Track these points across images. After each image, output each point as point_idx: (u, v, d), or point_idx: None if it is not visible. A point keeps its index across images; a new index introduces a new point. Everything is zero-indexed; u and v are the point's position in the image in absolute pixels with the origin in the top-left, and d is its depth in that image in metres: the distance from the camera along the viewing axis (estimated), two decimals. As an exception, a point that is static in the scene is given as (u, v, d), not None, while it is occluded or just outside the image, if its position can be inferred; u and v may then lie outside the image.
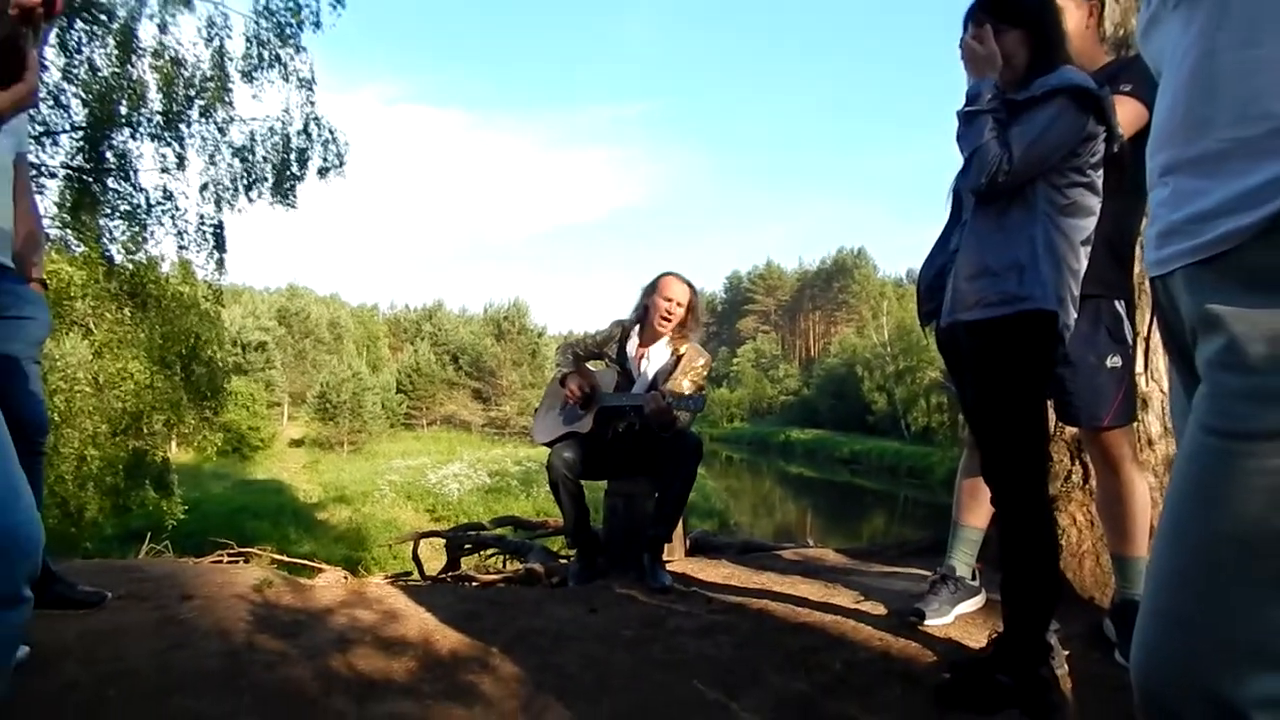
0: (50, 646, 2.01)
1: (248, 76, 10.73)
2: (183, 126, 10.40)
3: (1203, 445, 0.79)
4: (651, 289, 3.25)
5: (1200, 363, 0.82)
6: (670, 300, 3.18)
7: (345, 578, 3.41)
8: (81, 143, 9.69)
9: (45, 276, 2.49)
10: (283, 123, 11.12)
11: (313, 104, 11.30)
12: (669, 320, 3.17)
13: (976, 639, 2.19)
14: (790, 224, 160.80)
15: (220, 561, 3.84)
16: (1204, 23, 0.82)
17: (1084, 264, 1.84)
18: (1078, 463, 2.53)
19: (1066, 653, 2.04)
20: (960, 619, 2.34)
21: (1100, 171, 1.83)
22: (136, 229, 10.35)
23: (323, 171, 11.44)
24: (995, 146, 1.78)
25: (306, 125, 11.25)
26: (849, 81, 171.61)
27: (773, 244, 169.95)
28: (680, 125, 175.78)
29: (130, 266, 10.35)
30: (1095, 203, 1.84)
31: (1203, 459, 0.79)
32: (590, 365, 3.42)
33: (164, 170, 10.43)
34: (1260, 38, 0.76)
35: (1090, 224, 1.84)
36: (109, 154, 9.98)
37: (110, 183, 10.08)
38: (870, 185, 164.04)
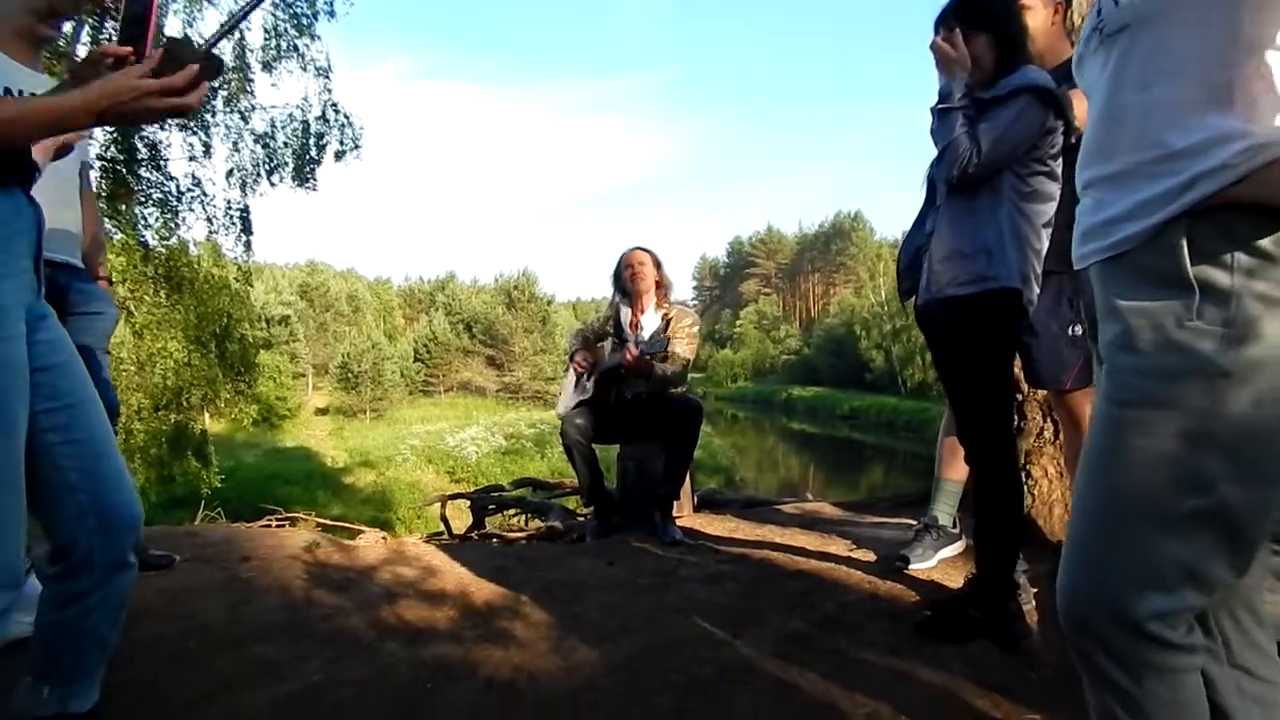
0: (133, 605, 2.23)
1: (267, 66, 10.96)
2: (208, 116, 10.66)
3: (1105, 414, 0.98)
4: (618, 269, 3.57)
5: (1103, 344, 1.01)
6: (631, 265, 3.50)
7: (384, 538, 3.68)
8: (114, 134, 9.92)
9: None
10: (302, 110, 11.42)
11: (329, 90, 11.55)
12: (640, 280, 3.47)
13: (956, 580, 2.40)
14: (790, 190, 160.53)
15: (269, 526, 4.13)
16: (1115, 66, 0.99)
17: (1045, 244, 2.02)
18: (1049, 421, 2.73)
19: (1035, 590, 2.25)
20: (942, 563, 2.57)
21: (1059, 161, 2.00)
22: (169, 215, 10.72)
23: (339, 155, 11.72)
24: (965, 141, 1.96)
25: (324, 111, 11.52)
26: (849, 51, 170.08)
27: (773, 209, 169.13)
28: (685, 97, 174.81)
29: (165, 251, 10.72)
30: (1055, 189, 2.01)
31: (1105, 425, 0.98)
32: (601, 345, 3.69)
33: (192, 158, 10.78)
34: (1157, 82, 0.94)
35: (1051, 208, 2.02)
36: (140, 144, 10.26)
37: (143, 172, 10.40)
38: (867, 150, 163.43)
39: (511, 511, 5.24)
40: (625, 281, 3.52)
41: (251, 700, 1.78)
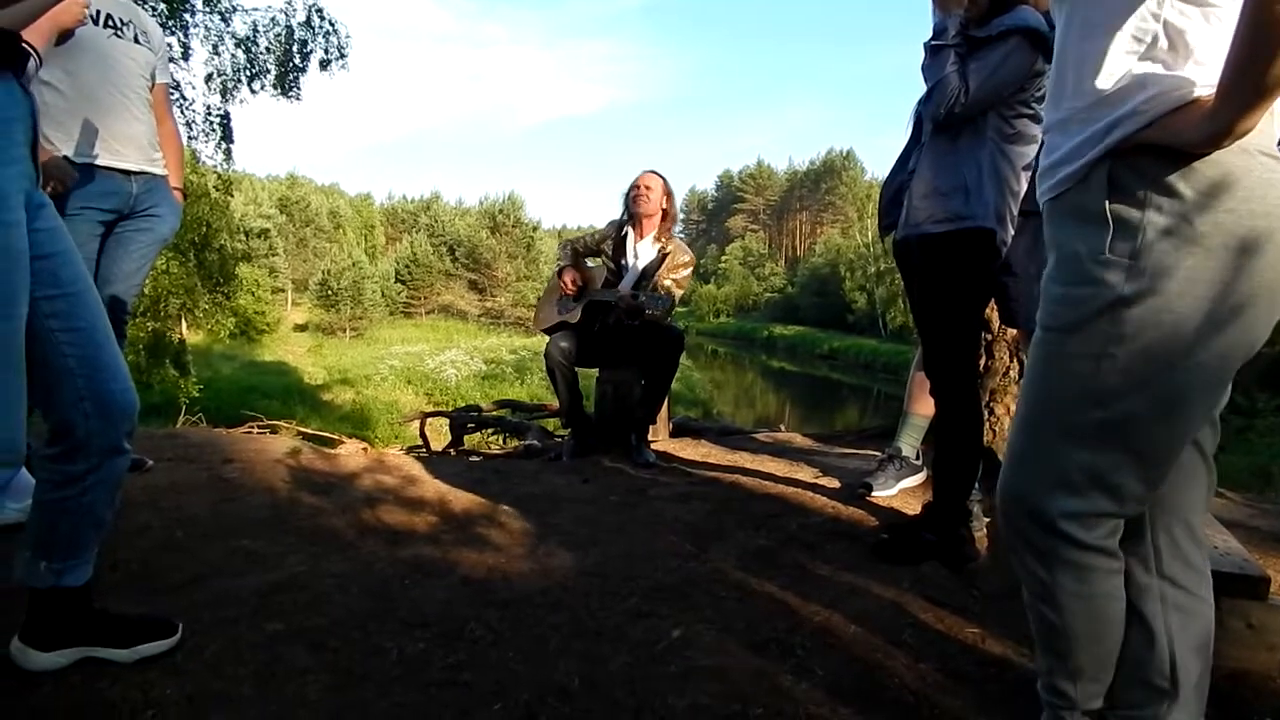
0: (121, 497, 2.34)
1: (247, -35, 10.48)
2: (187, 16, 10.26)
3: (1039, 338, 1.10)
4: (628, 190, 3.54)
5: (1043, 276, 1.11)
6: (639, 185, 3.49)
7: (365, 449, 3.76)
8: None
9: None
10: (285, 14, 11.00)
11: (315, -5, 11.10)
12: (645, 203, 3.46)
13: (914, 508, 2.52)
14: (782, 124, 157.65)
15: (251, 432, 4.19)
16: (1066, 19, 1.08)
17: (1024, 186, 2.06)
18: (1015, 360, 2.83)
19: (989, 519, 2.38)
20: (902, 492, 2.69)
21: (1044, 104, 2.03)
22: (147, 118, 10.37)
23: (324, 64, 11.38)
24: (955, 79, 1.98)
25: (308, 17, 11.13)
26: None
27: (764, 144, 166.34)
28: (677, 20, 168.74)
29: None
30: (1038, 132, 2.04)
31: (1038, 348, 1.10)
32: (590, 261, 3.70)
33: (170, 60, 10.29)
34: (1093, 34, 1.02)
35: (1032, 150, 2.05)
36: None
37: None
38: (862, 87, 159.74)
39: (490, 431, 5.32)
40: (633, 205, 3.50)
41: (237, 586, 1.86)
